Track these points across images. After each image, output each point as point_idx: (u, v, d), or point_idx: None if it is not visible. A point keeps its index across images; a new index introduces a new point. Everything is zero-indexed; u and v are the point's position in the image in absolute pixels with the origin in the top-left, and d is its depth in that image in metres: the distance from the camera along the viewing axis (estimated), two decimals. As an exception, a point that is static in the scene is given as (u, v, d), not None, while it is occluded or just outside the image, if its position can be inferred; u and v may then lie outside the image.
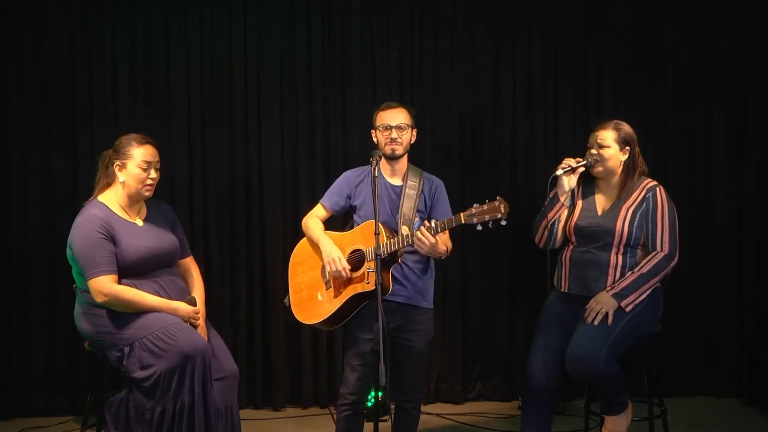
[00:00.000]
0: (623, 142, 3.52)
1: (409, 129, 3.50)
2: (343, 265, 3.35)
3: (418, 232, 3.23)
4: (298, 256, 3.63)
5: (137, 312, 3.27)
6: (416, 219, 3.47)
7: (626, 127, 3.55)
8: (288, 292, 3.63)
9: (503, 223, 3.15)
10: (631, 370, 3.60)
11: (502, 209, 3.14)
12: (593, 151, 3.53)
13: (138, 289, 3.29)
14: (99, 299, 3.23)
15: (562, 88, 4.73)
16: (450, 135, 4.71)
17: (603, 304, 3.37)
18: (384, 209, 3.45)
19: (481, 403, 4.75)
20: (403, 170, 3.54)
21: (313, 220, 3.57)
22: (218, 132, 4.58)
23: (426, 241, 3.23)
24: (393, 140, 3.45)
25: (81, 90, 4.48)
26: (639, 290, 3.39)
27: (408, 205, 3.47)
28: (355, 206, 3.54)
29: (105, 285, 3.22)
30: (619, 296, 3.38)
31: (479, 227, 3.18)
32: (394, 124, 3.45)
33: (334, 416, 3.63)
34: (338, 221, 3.73)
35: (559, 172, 3.52)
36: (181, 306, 3.36)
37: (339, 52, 4.63)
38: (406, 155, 3.53)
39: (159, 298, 3.33)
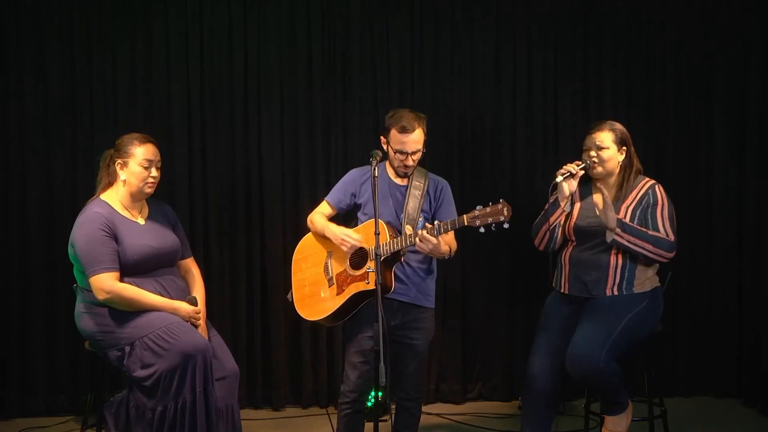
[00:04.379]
0: (620, 143, 3.52)
1: (422, 148, 3.47)
2: (354, 238, 3.36)
3: (421, 233, 3.24)
4: (302, 251, 3.65)
5: (138, 311, 3.27)
6: (420, 219, 3.47)
7: (621, 127, 3.56)
8: (291, 288, 3.64)
9: (506, 226, 3.18)
10: (631, 370, 3.60)
11: (505, 212, 3.17)
12: (592, 153, 3.53)
13: (139, 287, 3.30)
14: (100, 296, 3.23)
15: (562, 89, 4.73)
16: (450, 135, 4.71)
17: (608, 215, 3.34)
18: (389, 209, 3.45)
19: (481, 403, 4.75)
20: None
21: (318, 216, 3.58)
22: (218, 132, 4.58)
23: (428, 242, 3.24)
24: (406, 166, 3.46)
25: (81, 90, 4.48)
26: (635, 239, 3.37)
27: (412, 205, 3.47)
28: (360, 204, 3.55)
29: (106, 282, 3.22)
30: (621, 225, 3.35)
31: (482, 230, 3.20)
32: (410, 151, 3.43)
33: (332, 417, 3.62)
34: (342, 219, 3.71)
35: (558, 178, 3.49)
36: (182, 305, 3.36)
37: (339, 52, 4.63)
38: None
39: (160, 297, 3.33)
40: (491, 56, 4.71)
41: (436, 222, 3.28)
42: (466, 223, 3.22)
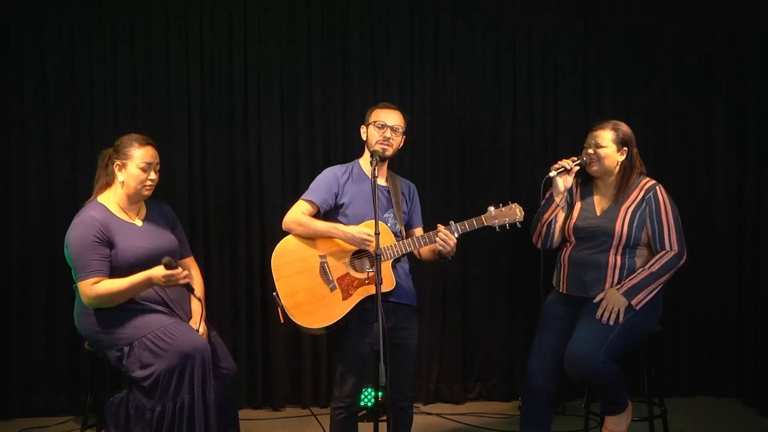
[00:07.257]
0: (621, 143, 3.51)
1: (401, 134, 3.49)
2: (371, 234, 3.25)
3: (442, 234, 3.32)
4: (284, 255, 3.43)
5: (136, 310, 3.26)
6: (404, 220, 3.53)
7: (625, 128, 3.54)
8: (277, 294, 3.41)
9: (518, 225, 3.42)
10: (631, 370, 3.60)
11: (518, 213, 3.41)
12: (590, 150, 3.52)
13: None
14: (86, 302, 3.23)
15: (562, 88, 4.73)
16: (450, 134, 4.71)
17: (614, 302, 3.36)
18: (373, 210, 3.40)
19: (481, 403, 4.75)
20: (386, 172, 3.54)
21: (307, 217, 3.42)
22: (218, 132, 4.58)
23: (451, 242, 3.33)
24: (386, 139, 3.43)
25: (81, 90, 4.48)
26: (648, 288, 3.39)
27: (400, 205, 3.49)
28: (341, 204, 3.48)
29: (87, 288, 3.20)
30: (629, 294, 3.37)
31: (498, 228, 3.41)
32: (390, 124, 3.44)
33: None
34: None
35: (552, 173, 3.51)
36: (155, 270, 3.21)
37: (339, 52, 4.63)
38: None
39: (133, 276, 3.22)
40: (491, 56, 4.71)
41: (452, 222, 3.35)
42: (485, 224, 3.38)
